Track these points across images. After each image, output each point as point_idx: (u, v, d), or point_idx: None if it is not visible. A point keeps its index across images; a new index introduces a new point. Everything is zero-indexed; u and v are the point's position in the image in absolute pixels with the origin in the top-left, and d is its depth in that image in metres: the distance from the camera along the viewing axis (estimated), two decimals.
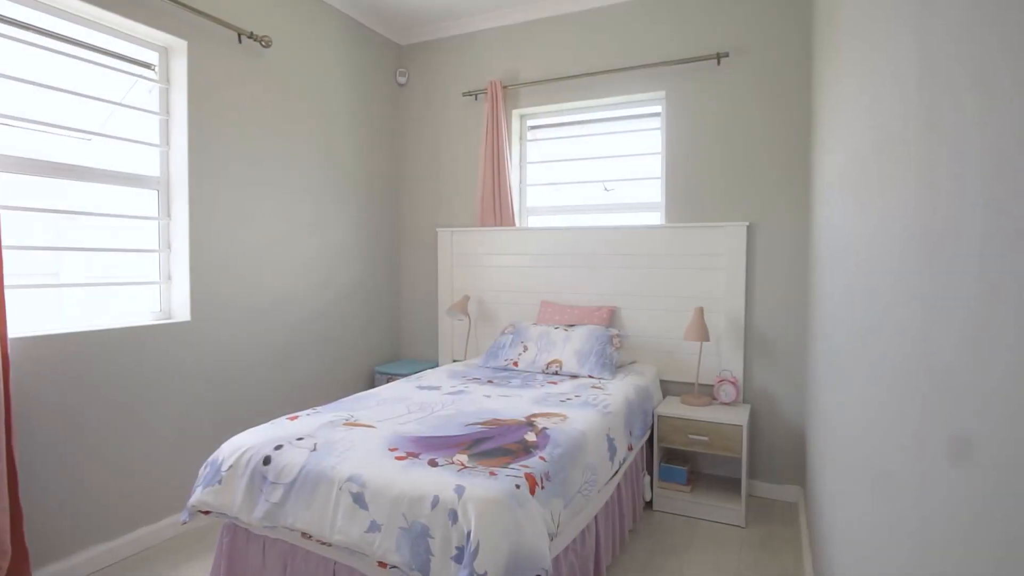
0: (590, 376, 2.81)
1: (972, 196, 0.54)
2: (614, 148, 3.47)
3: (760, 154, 2.97)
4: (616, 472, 2.22)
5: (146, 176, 2.55)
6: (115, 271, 2.54)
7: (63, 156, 2.27)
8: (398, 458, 1.67)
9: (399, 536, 1.48)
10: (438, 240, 3.81)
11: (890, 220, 0.89)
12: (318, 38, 3.32)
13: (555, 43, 3.47)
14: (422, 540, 1.46)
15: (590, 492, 1.91)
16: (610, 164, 3.47)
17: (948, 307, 0.60)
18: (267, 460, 1.74)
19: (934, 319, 0.64)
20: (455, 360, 3.76)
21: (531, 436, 1.90)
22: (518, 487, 1.54)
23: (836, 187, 1.69)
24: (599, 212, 3.49)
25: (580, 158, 3.54)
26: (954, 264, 0.58)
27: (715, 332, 3.02)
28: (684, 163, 3.15)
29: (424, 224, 3.96)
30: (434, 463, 1.64)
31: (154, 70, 2.58)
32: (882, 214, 0.96)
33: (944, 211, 0.62)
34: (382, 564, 1.51)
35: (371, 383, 3.79)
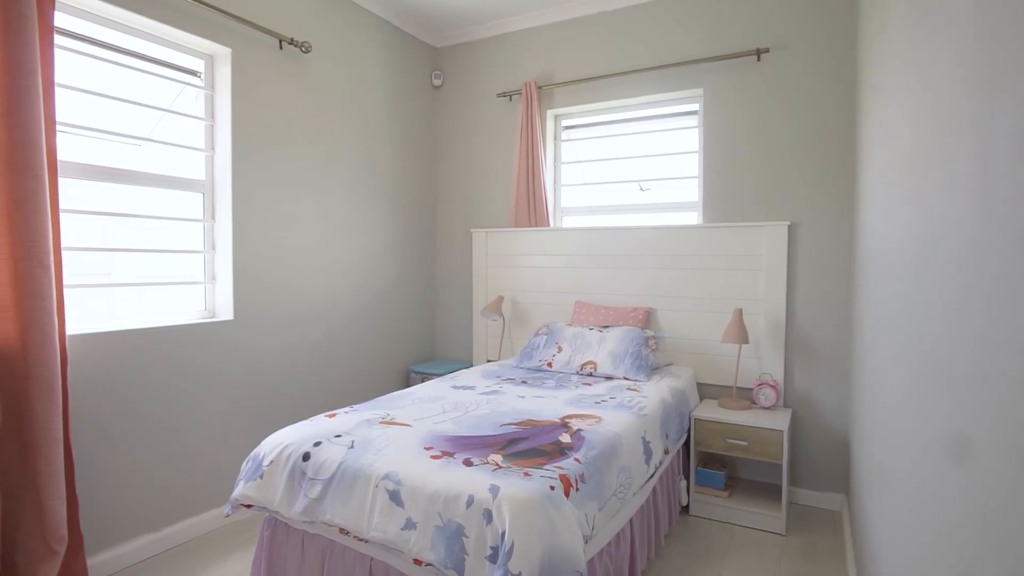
0: (625, 378, 2.78)
1: None
2: (650, 147, 3.43)
3: (802, 152, 2.89)
4: (652, 476, 2.19)
5: (192, 180, 2.64)
6: (163, 271, 2.64)
7: (116, 161, 2.37)
8: (433, 457, 1.69)
9: (434, 534, 1.49)
10: (473, 241, 3.83)
11: (946, 220, 0.85)
12: (356, 43, 3.38)
13: (590, 42, 3.45)
14: (457, 539, 1.46)
15: (625, 495, 1.89)
16: (646, 163, 3.43)
17: (1014, 313, 0.57)
18: (306, 456, 1.78)
19: (997, 326, 0.61)
20: (489, 360, 3.77)
21: (566, 437, 1.89)
22: (553, 488, 1.53)
23: (884, 186, 1.63)
24: (634, 212, 3.45)
25: (615, 158, 3.51)
26: (1016, 266, 0.56)
27: (754, 334, 2.96)
28: (723, 162, 3.09)
29: (459, 225, 3.99)
30: (469, 462, 1.65)
31: (200, 77, 2.67)
32: (937, 214, 0.92)
33: (1002, 211, 0.59)
34: (417, 561, 1.52)
35: (406, 382, 3.83)
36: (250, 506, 1.84)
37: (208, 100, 2.70)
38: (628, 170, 3.49)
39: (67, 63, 2.19)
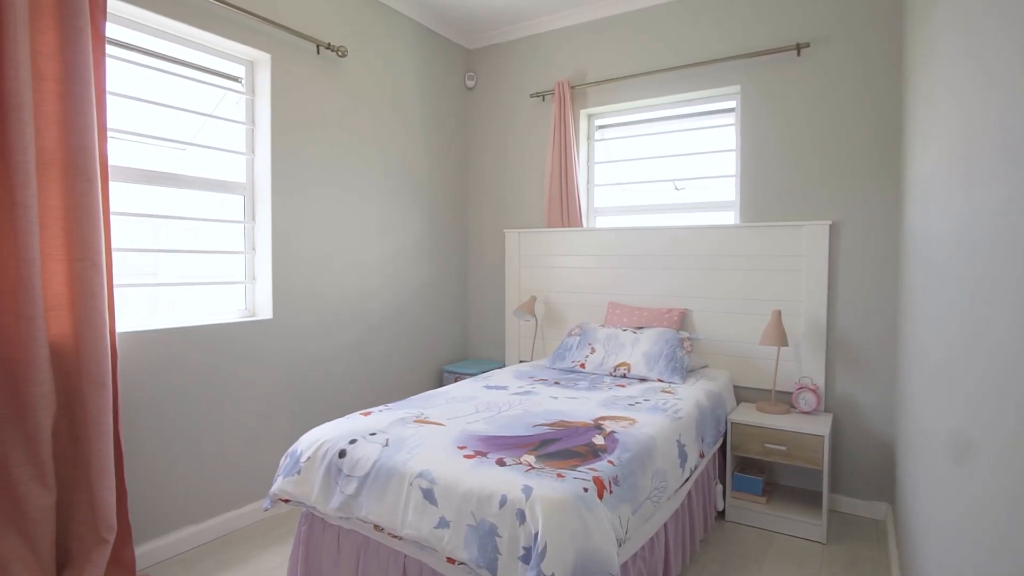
0: (659, 380, 2.74)
1: None
2: (685, 146, 3.37)
3: (844, 149, 2.80)
4: (687, 480, 2.15)
5: (234, 182, 2.72)
6: (206, 271, 2.72)
7: (161, 165, 2.46)
8: (466, 456, 1.69)
9: (467, 533, 1.50)
10: (505, 241, 3.83)
11: (1003, 220, 0.81)
12: (391, 46, 3.42)
13: (623, 41, 3.42)
14: (490, 538, 1.47)
15: (659, 499, 1.86)
16: (681, 162, 3.38)
17: None
18: (342, 453, 1.81)
19: None
20: (522, 360, 3.77)
21: (599, 439, 1.87)
22: (586, 490, 1.52)
23: (933, 184, 1.57)
24: (669, 212, 3.41)
25: (649, 157, 3.47)
26: None
27: (794, 336, 2.88)
28: (760, 160, 3.02)
29: (492, 225, 4.00)
30: (502, 462, 1.65)
31: (241, 83, 2.74)
32: (994, 214, 0.88)
33: None
34: (450, 560, 1.53)
35: (439, 382, 3.86)
36: (288, 501, 1.88)
37: (249, 105, 2.78)
38: (662, 169, 3.44)
39: (116, 71, 2.29)
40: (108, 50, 2.18)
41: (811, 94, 2.87)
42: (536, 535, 1.40)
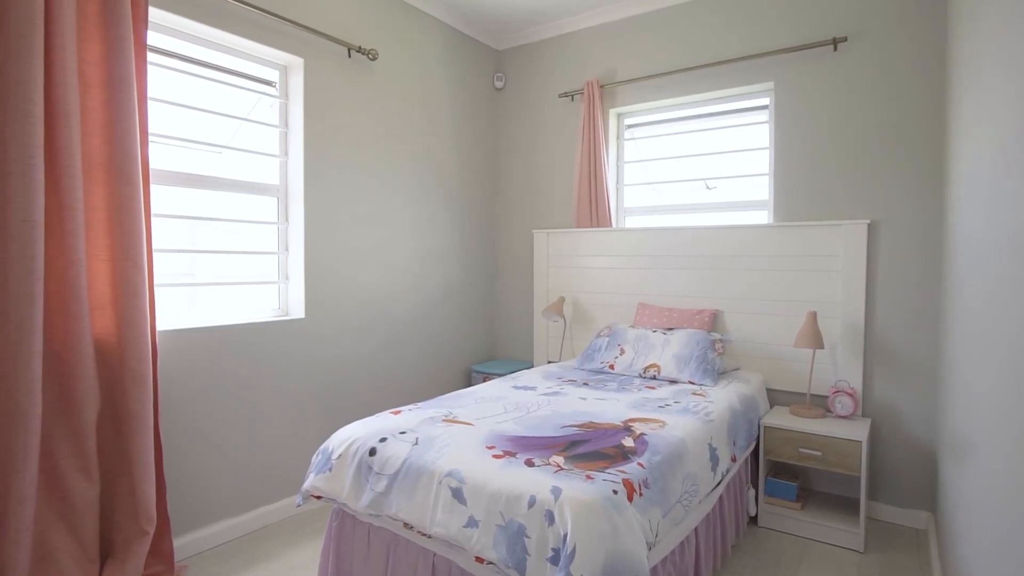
0: (690, 382, 2.70)
1: None
2: (716, 144, 3.32)
3: (883, 146, 2.72)
4: (718, 484, 2.12)
5: (267, 184, 2.78)
6: (241, 271, 2.78)
7: (198, 168, 2.53)
8: (495, 456, 1.70)
9: (496, 533, 1.50)
10: (534, 242, 3.83)
11: None
12: (420, 48, 3.45)
13: (654, 38, 3.38)
14: (519, 539, 1.47)
15: (690, 503, 1.84)
16: (712, 161, 3.33)
17: None
18: (373, 451, 1.83)
19: None
20: (550, 361, 3.76)
21: (629, 441, 1.86)
22: (615, 492, 1.51)
23: (980, 181, 1.51)
24: (700, 211, 3.36)
25: (680, 156, 3.42)
26: None
27: (830, 339, 2.81)
28: (795, 158, 2.95)
29: (520, 226, 4.00)
30: (531, 463, 1.65)
31: (275, 87, 2.80)
32: None
33: None
34: (479, 559, 1.54)
35: (468, 382, 3.88)
36: (319, 497, 1.91)
37: (282, 108, 2.84)
38: (693, 168, 3.40)
39: (156, 77, 2.36)
40: (149, 57, 2.25)
41: (849, 90, 2.80)
42: (565, 537, 1.39)
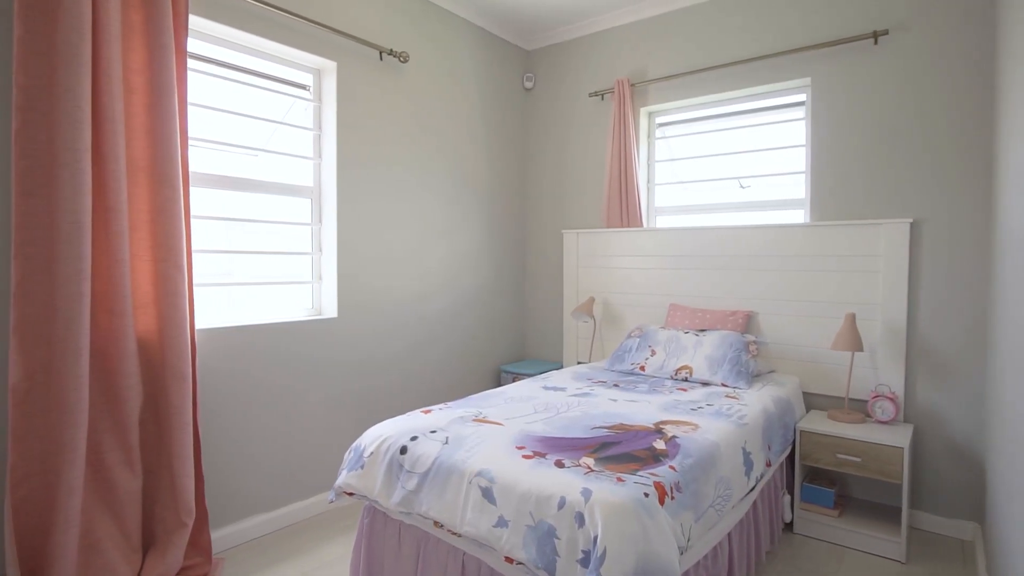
0: (723, 384, 2.65)
1: None
2: (750, 142, 3.25)
3: (926, 143, 2.62)
4: (752, 488, 2.07)
5: (302, 186, 2.83)
6: (275, 271, 2.84)
7: (235, 171, 2.59)
8: (525, 456, 1.69)
9: (526, 533, 1.50)
10: (564, 242, 3.82)
11: None
12: (451, 50, 3.47)
13: (685, 35, 3.33)
14: (548, 540, 1.46)
15: (723, 507, 1.80)
16: (746, 159, 3.27)
17: None
18: (404, 450, 1.84)
19: None
20: (580, 362, 3.74)
21: (660, 444, 1.83)
22: (647, 495, 1.49)
23: None
24: (733, 211, 3.29)
25: (712, 154, 3.37)
26: None
27: (869, 341, 2.72)
28: (833, 156, 2.87)
29: (550, 226, 3.99)
30: (560, 464, 1.64)
31: (309, 90, 2.86)
32: None
33: None
34: (509, 559, 1.54)
35: (497, 382, 3.89)
36: (352, 494, 1.93)
37: (316, 111, 2.89)
38: (726, 167, 3.34)
39: (195, 83, 2.43)
40: (188, 63, 2.31)
41: (890, 85, 2.71)
42: (595, 539, 1.38)
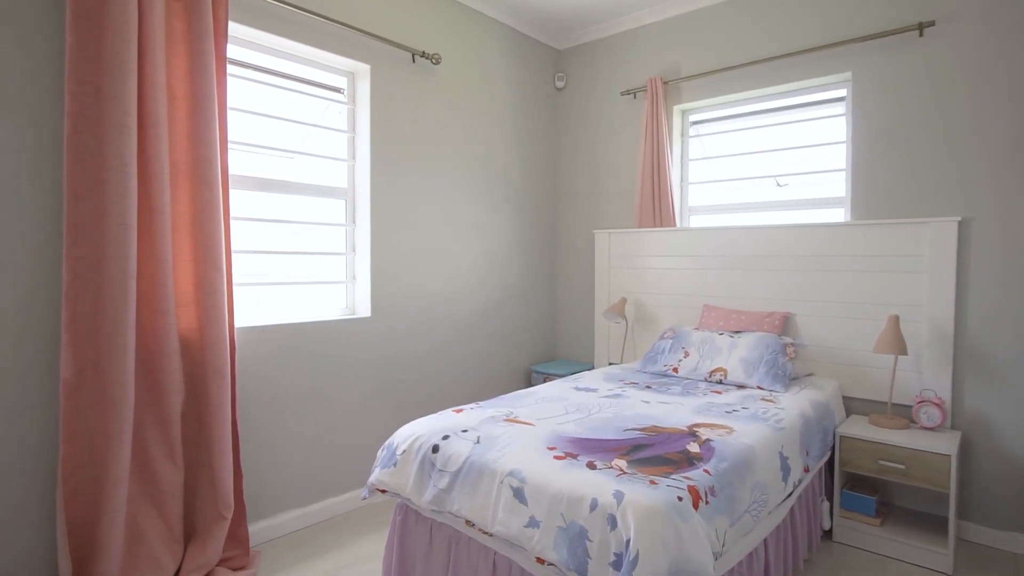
0: (759, 387, 2.59)
1: None
2: (788, 139, 3.17)
3: (975, 139, 2.52)
4: (790, 494, 2.02)
5: (336, 187, 2.88)
6: (310, 271, 2.90)
7: (271, 173, 2.65)
8: (556, 457, 1.69)
9: (557, 534, 1.49)
10: (595, 242, 3.79)
11: None
12: (482, 51, 3.49)
13: (720, 32, 3.27)
14: (580, 541, 1.45)
15: (759, 513, 1.76)
16: (783, 157, 3.19)
17: None
18: (435, 448, 1.86)
19: None
20: (611, 363, 3.71)
21: (694, 447, 1.80)
22: (680, 499, 1.47)
23: None
24: (770, 210, 3.22)
25: (748, 152, 3.30)
26: None
27: (914, 344, 2.62)
28: (875, 153, 2.78)
29: (581, 226, 3.97)
30: (592, 465, 1.63)
31: (343, 93, 2.90)
32: None
33: None
34: (540, 560, 1.53)
35: (528, 382, 3.89)
36: (384, 491, 1.96)
37: (350, 114, 2.93)
38: (762, 165, 3.26)
39: (233, 87, 2.49)
40: (228, 69, 2.38)
41: (936, 78, 2.61)
42: (628, 542, 1.37)
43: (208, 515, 2.16)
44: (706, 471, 1.63)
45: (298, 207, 2.77)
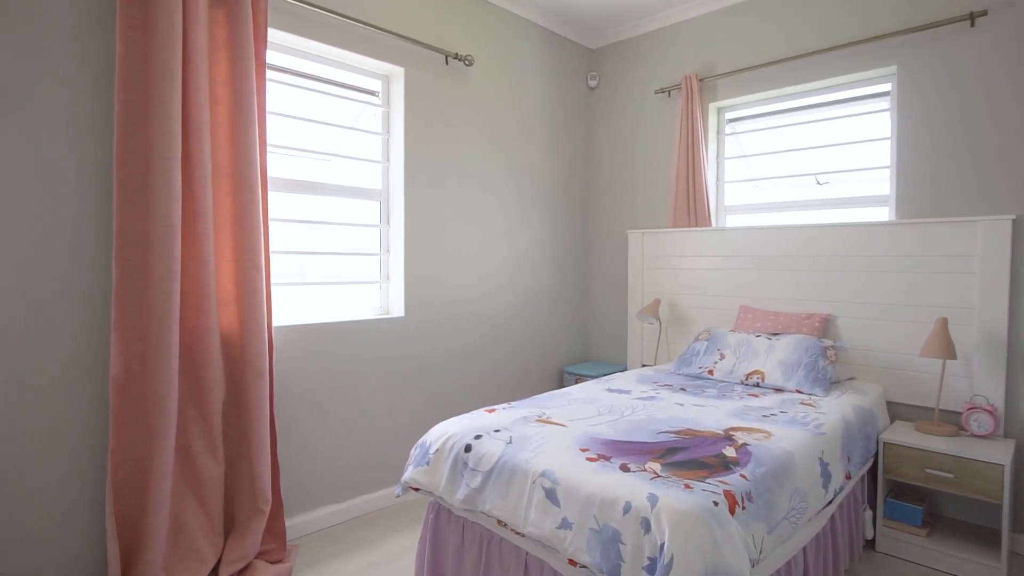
0: (798, 391, 2.53)
1: None
2: (828, 136, 3.08)
3: None
4: (830, 502, 1.96)
5: (371, 189, 2.92)
6: (345, 271, 2.95)
7: (308, 175, 2.71)
8: (589, 459, 1.67)
9: (590, 537, 1.48)
10: (629, 242, 3.75)
11: None
12: (515, 52, 3.49)
13: (756, 27, 3.20)
14: (613, 545, 1.44)
15: (798, 520, 1.72)
16: (823, 154, 3.10)
17: None
18: (468, 448, 1.87)
19: None
20: (644, 364, 3.67)
21: (730, 451, 1.76)
22: (716, 504, 1.44)
23: None
24: (809, 209, 3.13)
25: (786, 150, 3.21)
26: None
27: (963, 349, 2.52)
28: (922, 149, 2.67)
29: (614, 226, 3.94)
30: (626, 468, 1.61)
31: (378, 96, 2.94)
32: None
33: None
34: (572, 562, 1.52)
35: (560, 382, 3.87)
36: (417, 489, 1.97)
37: (384, 116, 2.97)
38: (801, 163, 3.18)
39: (271, 91, 2.55)
40: (267, 74, 2.44)
41: (988, 70, 2.50)
42: (662, 546, 1.35)
43: (247, 509, 2.22)
44: (743, 476, 1.60)
45: (334, 208, 2.82)
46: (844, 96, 3.02)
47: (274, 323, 2.48)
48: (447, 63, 3.08)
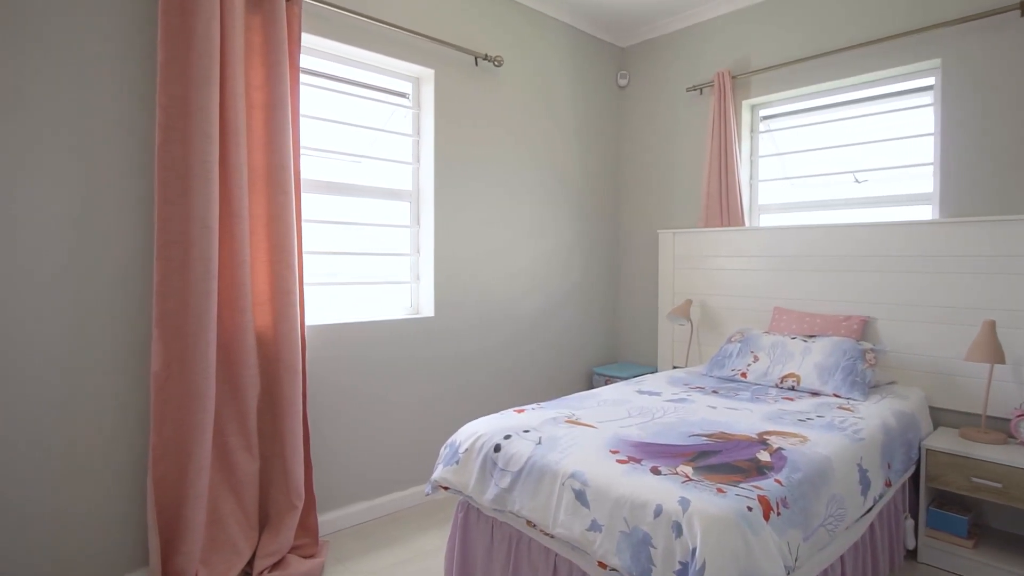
0: (835, 395, 2.46)
1: None
2: (867, 133, 2.99)
3: None
4: (869, 510, 1.91)
5: (401, 190, 2.95)
6: (376, 272, 2.98)
7: (340, 176, 2.75)
8: (619, 461, 1.66)
9: (620, 539, 1.47)
10: (659, 242, 3.71)
11: None
12: (544, 52, 3.48)
13: (792, 21, 3.13)
14: (643, 548, 1.42)
15: (835, 528, 1.67)
16: (862, 152, 3.01)
17: None
18: (497, 448, 1.87)
19: None
20: (675, 366, 3.62)
21: (764, 455, 1.73)
22: (750, 509, 1.41)
23: None
24: (847, 208, 3.05)
25: (823, 147, 3.13)
26: None
27: (1013, 353, 2.41)
28: (968, 145, 2.57)
29: (644, 226, 3.90)
30: (656, 471, 1.59)
31: (408, 98, 2.97)
32: None
33: None
34: (602, 565, 1.51)
35: (589, 383, 3.85)
36: (447, 488, 1.99)
37: (414, 118, 3.00)
38: (839, 160, 3.09)
39: (304, 95, 2.60)
40: (300, 78, 2.48)
41: None
42: (694, 551, 1.32)
43: (281, 504, 2.27)
44: (777, 481, 1.56)
45: (365, 209, 2.86)
46: (884, 91, 2.93)
47: (307, 322, 2.52)
48: (476, 64, 3.09)
